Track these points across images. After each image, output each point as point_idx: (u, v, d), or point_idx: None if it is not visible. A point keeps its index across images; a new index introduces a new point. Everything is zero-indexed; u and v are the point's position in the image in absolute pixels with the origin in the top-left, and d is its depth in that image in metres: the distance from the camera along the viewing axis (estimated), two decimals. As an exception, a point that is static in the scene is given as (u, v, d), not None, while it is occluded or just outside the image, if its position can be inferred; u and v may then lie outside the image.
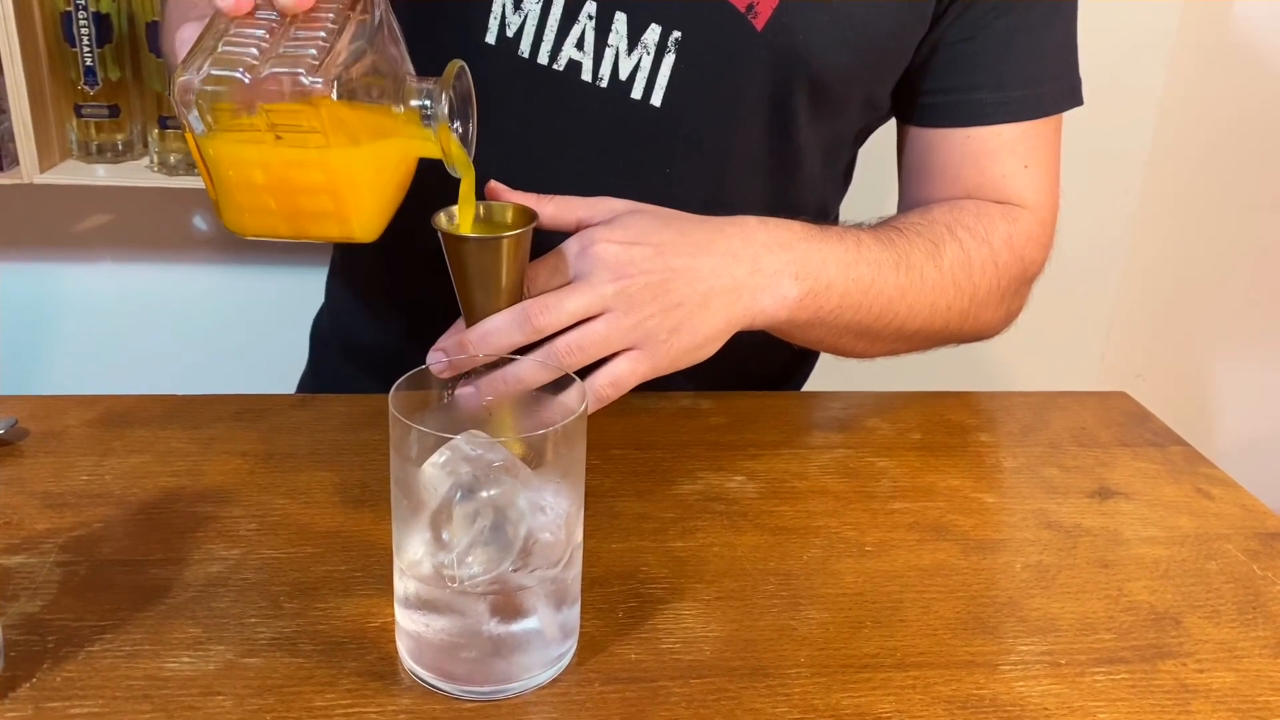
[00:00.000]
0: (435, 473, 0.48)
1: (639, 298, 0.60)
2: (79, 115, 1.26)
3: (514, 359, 0.58)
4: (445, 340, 0.62)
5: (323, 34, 0.51)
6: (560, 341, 0.59)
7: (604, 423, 0.73)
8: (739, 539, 0.62)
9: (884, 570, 0.60)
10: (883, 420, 0.76)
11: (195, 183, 1.25)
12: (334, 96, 0.50)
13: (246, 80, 0.50)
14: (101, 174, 1.27)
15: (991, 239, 0.73)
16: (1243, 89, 1.41)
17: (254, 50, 0.50)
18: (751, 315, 0.64)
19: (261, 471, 0.67)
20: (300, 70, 0.50)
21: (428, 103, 0.54)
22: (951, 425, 0.77)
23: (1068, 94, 0.78)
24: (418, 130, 0.55)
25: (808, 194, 0.80)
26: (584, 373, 0.61)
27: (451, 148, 0.55)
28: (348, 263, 0.89)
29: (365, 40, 0.53)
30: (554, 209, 0.63)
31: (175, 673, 0.51)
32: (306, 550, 0.60)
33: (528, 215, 0.60)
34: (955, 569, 0.61)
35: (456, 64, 0.56)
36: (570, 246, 0.62)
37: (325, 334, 0.92)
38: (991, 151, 0.77)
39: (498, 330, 0.59)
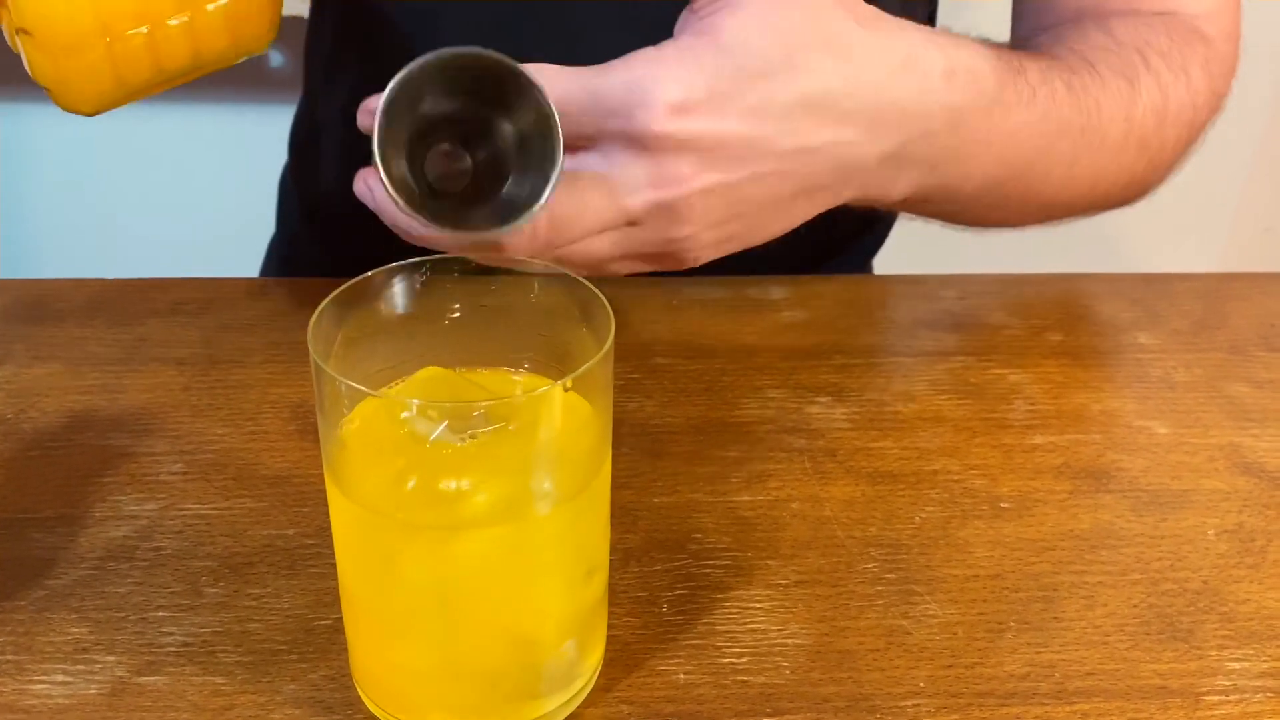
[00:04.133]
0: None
1: (685, 214, 0.41)
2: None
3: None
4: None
5: None
6: (558, 252, 0.41)
7: (642, 320, 0.56)
8: (826, 490, 0.46)
9: (1028, 539, 0.44)
10: (1009, 314, 0.58)
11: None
12: None
13: None
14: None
15: (1189, 69, 0.53)
16: None
17: None
18: (843, 202, 0.46)
19: (198, 387, 0.51)
20: None
21: None
22: (1099, 320, 0.59)
23: None
24: None
25: None
26: None
27: None
28: (320, 97, 0.72)
29: None
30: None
31: (43, 699, 0.36)
32: (244, 504, 0.44)
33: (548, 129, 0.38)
34: (1125, 536, 0.44)
35: None
36: (616, 81, 0.40)
37: (289, 187, 0.75)
38: None
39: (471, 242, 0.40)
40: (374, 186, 0.41)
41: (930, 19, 0.68)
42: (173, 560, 0.42)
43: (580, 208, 0.40)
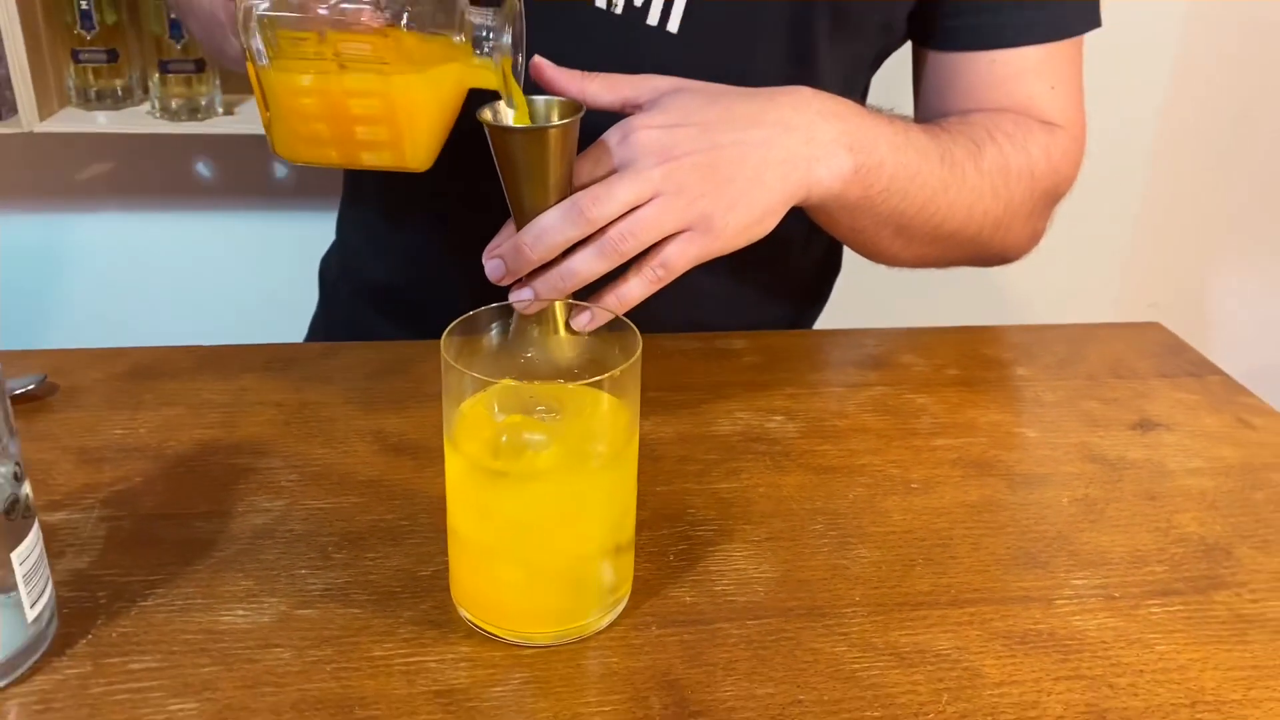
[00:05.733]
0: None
1: (688, 179, 0.59)
2: (76, 61, 1.23)
3: (568, 256, 0.59)
4: (499, 246, 0.61)
5: None
6: (613, 230, 0.58)
7: (639, 365, 0.72)
8: (783, 479, 0.62)
9: (931, 507, 0.60)
10: (918, 356, 0.75)
11: (197, 128, 1.23)
12: (404, 25, 0.49)
13: (320, 12, 0.49)
14: (102, 121, 1.25)
15: (1030, 148, 0.72)
16: (1270, 11, 1.38)
17: None
18: (808, 185, 0.63)
19: (296, 422, 0.66)
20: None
21: (489, 32, 0.53)
22: (987, 360, 0.76)
23: (1089, 14, 0.77)
24: (477, 60, 0.54)
25: None
26: (640, 258, 0.60)
27: (511, 77, 0.55)
28: (357, 198, 0.88)
29: None
30: (598, 87, 0.61)
31: (231, 626, 0.50)
32: (350, 500, 0.59)
33: (574, 108, 0.59)
34: (1002, 504, 0.61)
35: None
36: (611, 136, 0.61)
37: (334, 273, 0.91)
38: (1017, 75, 0.76)
39: (551, 228, 0.58)
40: (503, 257, 0.60)
41: None
42: (305, 537, 0.56)
43: (616, 181, 0.58)
